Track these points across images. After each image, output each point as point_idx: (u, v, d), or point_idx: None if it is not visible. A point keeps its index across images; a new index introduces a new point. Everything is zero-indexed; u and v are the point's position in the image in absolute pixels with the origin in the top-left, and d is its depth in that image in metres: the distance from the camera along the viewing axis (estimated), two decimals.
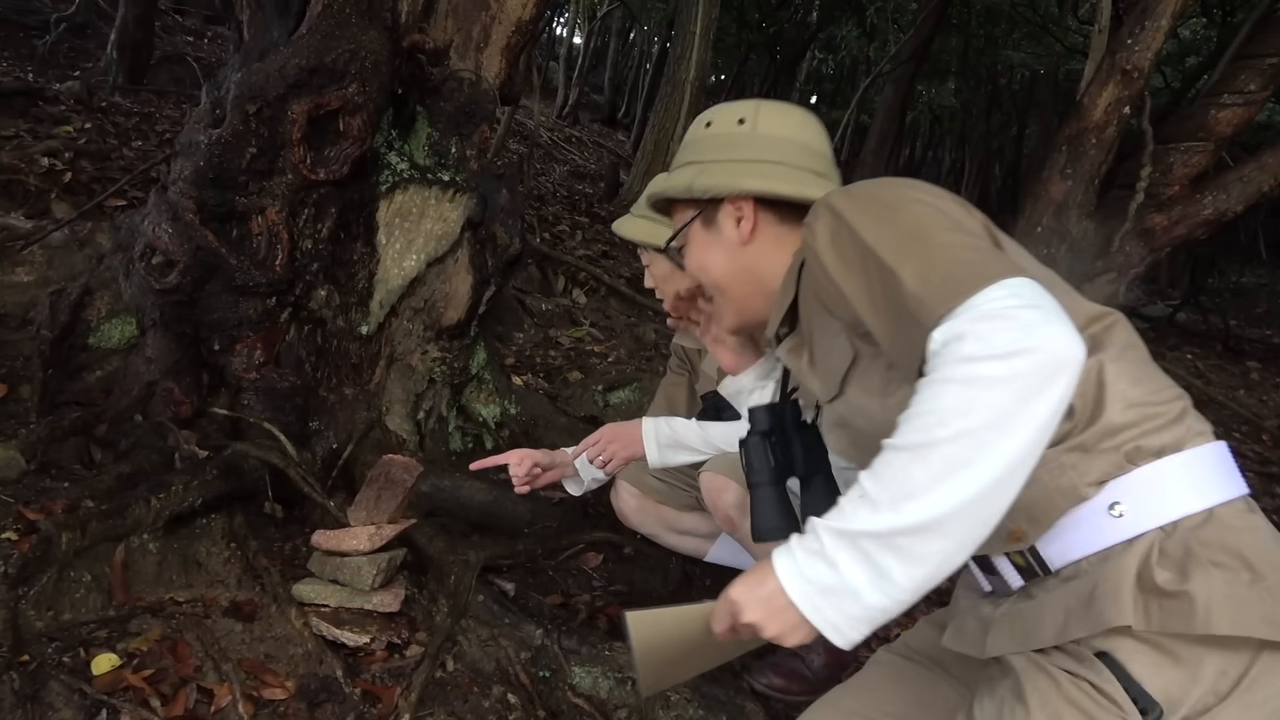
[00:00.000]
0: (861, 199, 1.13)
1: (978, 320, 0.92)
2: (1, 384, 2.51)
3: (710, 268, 1.42)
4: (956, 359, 0.92)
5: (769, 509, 1.44)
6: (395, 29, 2.72)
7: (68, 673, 1.71)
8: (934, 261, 1.01)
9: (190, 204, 2.53)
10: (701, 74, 8.57)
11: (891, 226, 1.07)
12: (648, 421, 2.19)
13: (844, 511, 0.97)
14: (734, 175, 1.36)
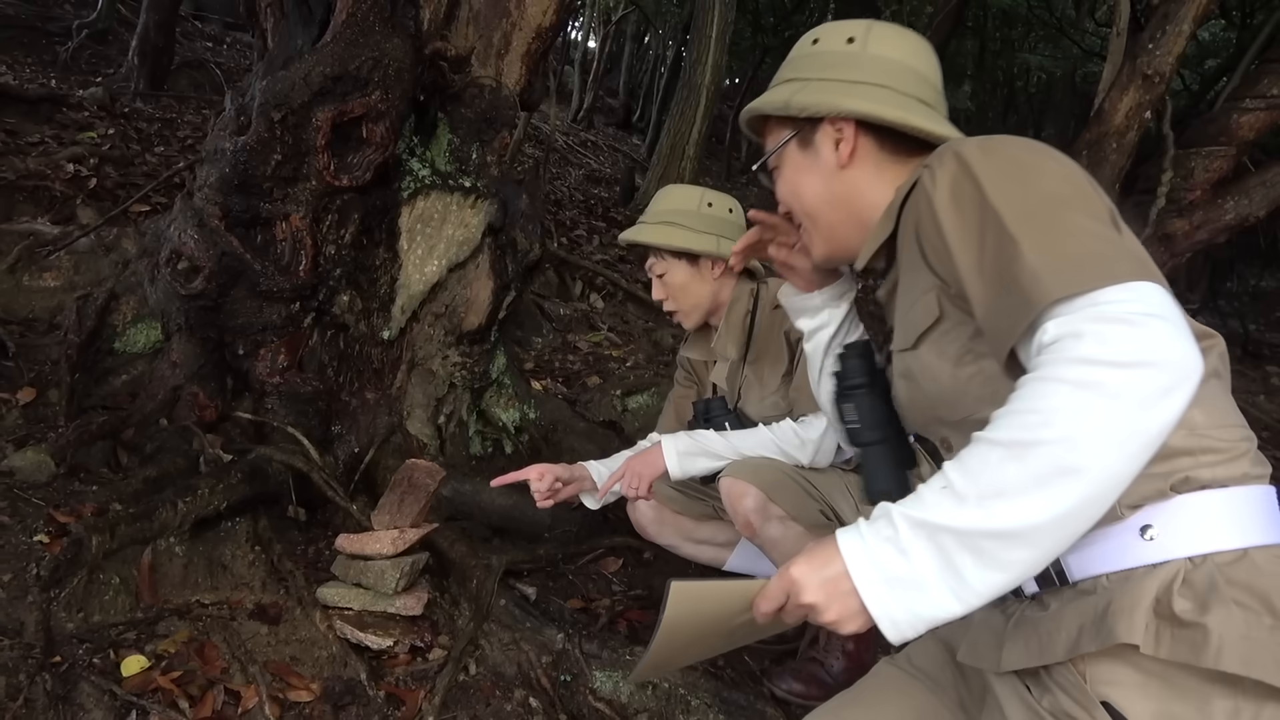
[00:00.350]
0: (997, 155, 1.06)
1: (1100, 321, 0.88)
2: (30, 388, 2.54)
3: (803, 192, 1.34)
4: (1072, 359, 0.87)
5: (885, 468, 1.34)
6: (418, 36, 2.74)
7: (98, 674, 1.73)
8: (1062, 241, 0.95)
9: (216, 210, 2.56)
10: (717, 78, 8.57)
11: (1023, 191, 1.00)
12: (667, 438, 2.20)
13: (924, 500, 0.93)
14: (836, 95, 1.26)
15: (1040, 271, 0.93)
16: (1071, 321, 0.89)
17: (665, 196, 2.36)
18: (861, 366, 1.38)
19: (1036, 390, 0.89)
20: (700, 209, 2.30)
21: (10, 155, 3.85)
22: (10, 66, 6.52)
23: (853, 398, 1.36)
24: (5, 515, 1.93)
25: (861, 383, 1.36)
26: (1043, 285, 0.92)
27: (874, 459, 1.36)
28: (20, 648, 1.65)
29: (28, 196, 3.55)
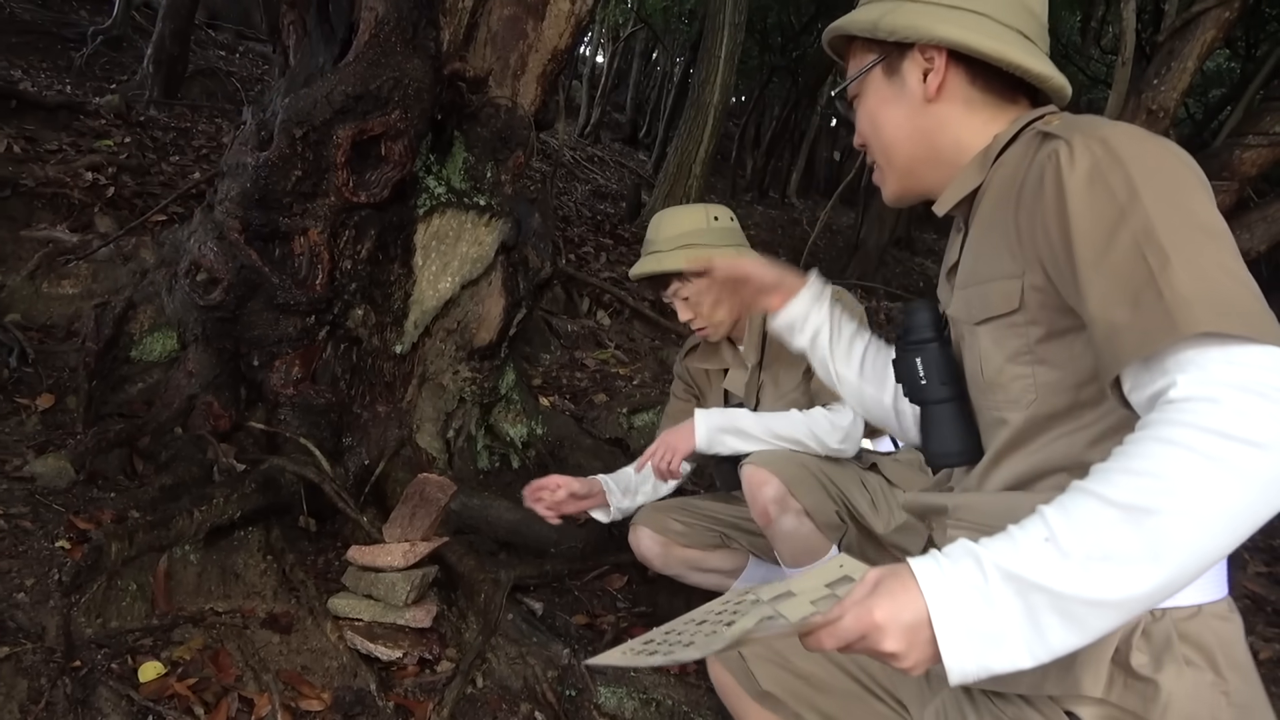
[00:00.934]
0: (1157, 155, 0.97)
1: (1240, 389, 0.82)
2: (48, 394, 2.59)
3: (884, 124, 1.25)
4: (1207, 427, 0.82)
5: (952, 428, 1.22)
6: (437, 57, 2.80)
7: (116, 679, 1.76)
8: (1216, 275, 0.88)
9: (236, 224, 2.61)
10: (725, 97, 8.65)
11: (1182, 206, 0.92)
12: (700, 412, 2.23)
13: (1020, 549, 0.87)
14: (930, 19, 1.16)
15: (1191, 298, 0.86)
16: (1208, 379, 0.84)
17: (670, 222, 2.35)
18: (929, 320, 1.28)
19: (1163, 453, 0.83)
20: (710, 225, 2.32)
21: (30, 162, 3.91)
22: (26, 72, 6.60)
23: (921, 351, 1.25)
24: (27, 520, 1.97)
25: (930, 336, 1.26)
26: (1191, 313, 0.85)
27: (940, 417, 1.24)
28: (42, 652, 1.68)
29: (46, 203, 3.60)
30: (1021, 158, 1.09)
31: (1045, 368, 1.06)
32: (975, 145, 1.19)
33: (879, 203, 10.67)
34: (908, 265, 12.98)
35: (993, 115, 1.19)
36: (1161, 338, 0.86)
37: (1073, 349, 1.04)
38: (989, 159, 1.15)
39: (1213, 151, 3.26)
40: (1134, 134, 0.99)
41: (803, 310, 1.49)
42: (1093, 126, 1.00)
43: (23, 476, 2.15)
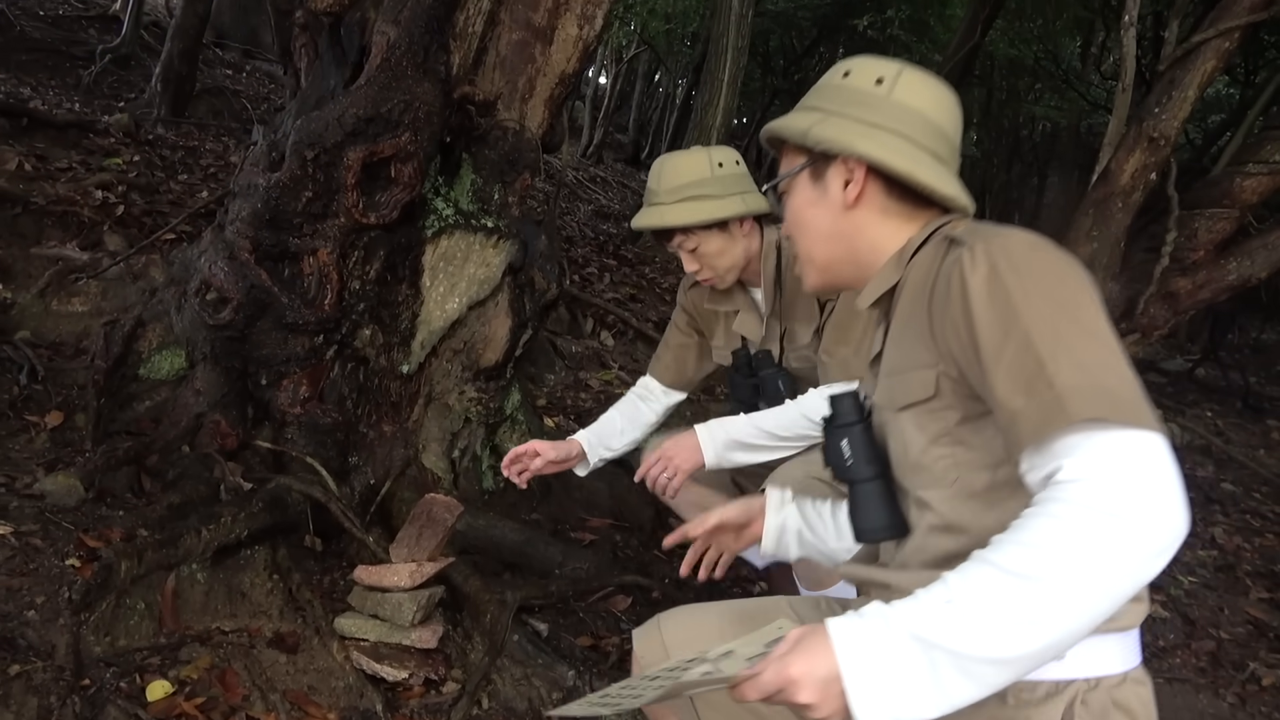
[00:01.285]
0: (1043, 260, 1.09)
1: (1119, 471, 0.94)
2: (57, 411, 2.60)
3: (807, 223, 1.37)
4: (1088, 504, 0.93)
5: (877, 505, 1.32)
6: (447, 81, 2.83)
7: (124, 698, 1.77)
8: (1097, 369, 1.00)
9: (246, 244, 2.63)
10: (727, 120, 8.71)
11: (1066, 309, 1.05)
12: (701, 429, 2.16)
13: (925, 613, 0.97)
14: (853, 135, 1.27)
15: (1074, 389, 0.98)
16: (1091, 460, 0.95)
17: (673, 169, 2.23)
18: (853, 405, 1.38)
19: (1046, 527, 0.95)
20: (714, 172, 2.20)
21: (40, 180, 3.93)
22: (35, 90, 6.65)
23: (847, 434, 1.35)
24: (37, 538, 1.98)
25: (854, 419, 1.36)
26: (1074, 403, 0.97)
27: (866, 495, 1.34)
28: (52, 670, 1.69)
29: (57, 221, 3.63)
30: (932, 260, 1.21)
31: (964, 449, 1.17)
32: (889, 248, 1.31)
33: None
34: None
35: (905, 222, 1.30)
36: (1050, 425, 0.98)
37: (986, 432, 1.15)
38: (904, 259, 1.27)
39: (1213, 179, 3.30)
40: (1029, 243, 1.11)
41: (775, 524, 1.54)
42: (994, 235, 1.12)
43: (33, 494, 2.16)
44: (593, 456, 2.34)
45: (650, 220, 2.24)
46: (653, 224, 2.23)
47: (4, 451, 2.35)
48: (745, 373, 2.35)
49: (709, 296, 2.44)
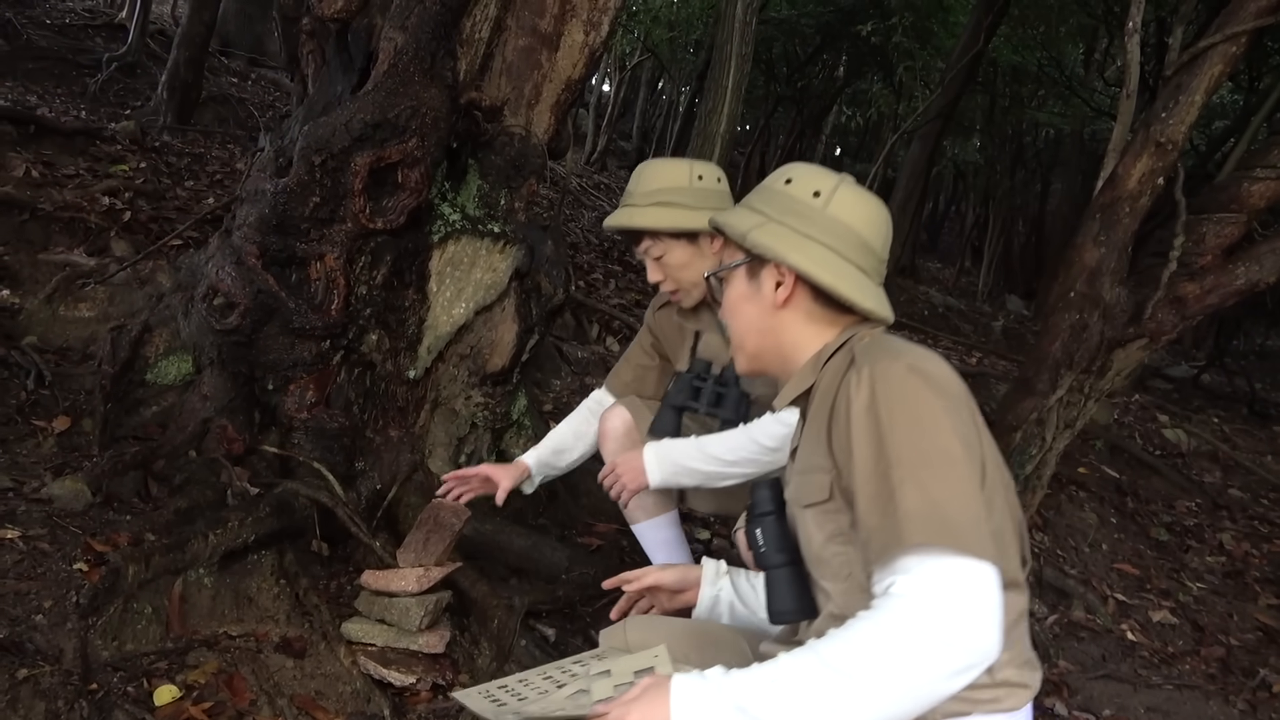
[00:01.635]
0: (913, 392, 1.22)
1: (941, 594, 1.08)
2: (65, 416, 2.60)
3: (740, 315, 1.50)
4: (908, 619, 1.07)
5: (788, 590, 1.43)
6: (454, 87, 2.83)
7: (132, 702, 1.77)
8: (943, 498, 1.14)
9: (254, 249, 2.64)
10: (732, 127, 8.70)
11: (928, 436, 1.18)
12: (650, 450, 2.18)
13: (755, 684, 1.11)
14: (787, 246, 1.39)
15: (915, 515, 1.12)
16: (920, 580, 1.10)
17: (651, 174, 2.24)
18: (770, 496, 1.48)
19: (867, 632, 1.09)
20: (692, 184, 2.20)
21: (47, 186, 3.95)
22: (42, 97, 6.67)
23: (761, 523, 1.46)
24: (45, 543, 1.98)
25: (769, 510, 1.47)
26: (914, 528, 1.12)
27: (778, 580, 1.44)
28: (60, 674, 1.68)
29: (64, 227, 3.64)
30: (838, 370, 1.34)
31: (854, 549, 1.28)
32: (811, 348, 1.44)
33: None
34: (912, 294, 13.03)
35: (827, 326, 1.44)
36: (893, 547, 1.13)
37: None
38: (819, 364, 1.40)
39: (1221, 184, 3.29)
40: (908, 369, 1.24)
41: (709, 595, 1.67)
42: (880, 358, 1.26)
43: (40, 498, 2.16)
44: (538, 476, 2.45)
45: (619, 220, 2.25)
46: (621, 223, 2.24)
47: (11, 456, 2.35)
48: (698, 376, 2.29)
49: (678, 311, 2.44)
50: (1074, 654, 3.31)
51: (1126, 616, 3.61)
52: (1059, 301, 3.36)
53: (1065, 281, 3.33)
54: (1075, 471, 4.69)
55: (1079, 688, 3.08)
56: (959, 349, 8.51)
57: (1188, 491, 5.09)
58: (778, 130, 17.19)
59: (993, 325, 11.99)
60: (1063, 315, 3.34)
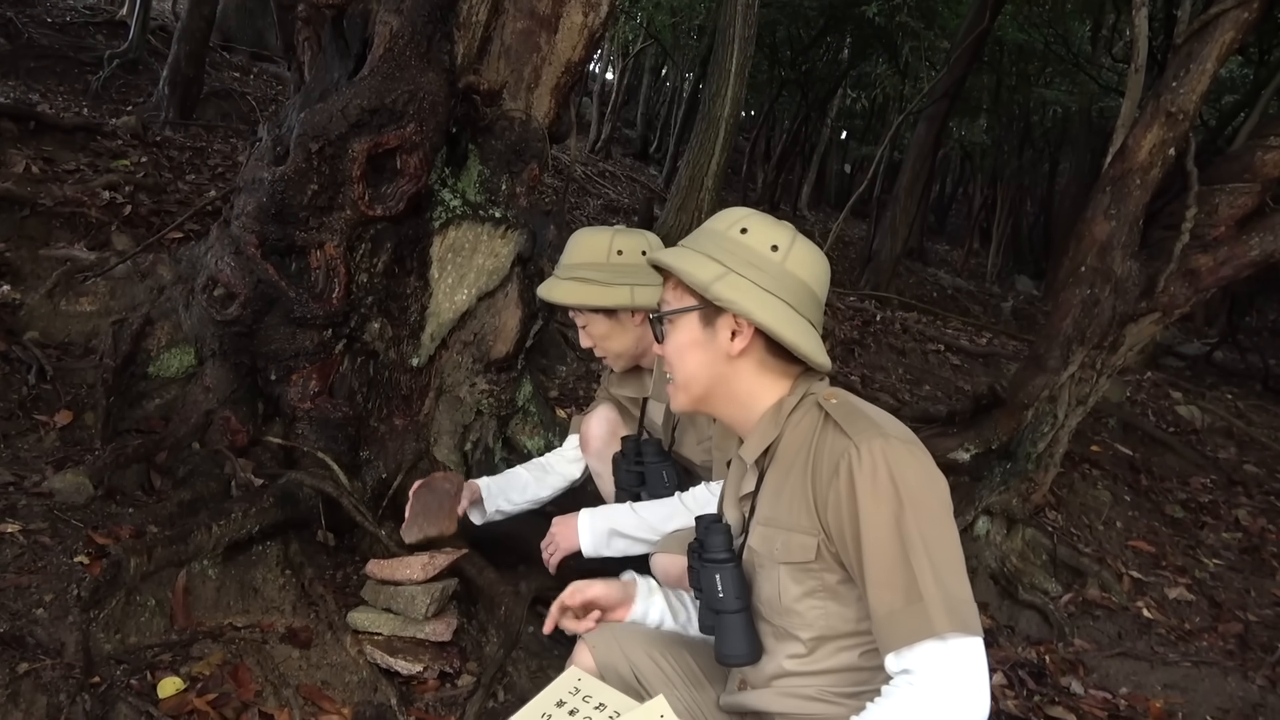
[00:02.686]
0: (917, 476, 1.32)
1: (965, 676, 1.24)
2: (67, 411, 2.59)
3: (689, 360, 1.52)
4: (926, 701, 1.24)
5: (740, 635, 1.49)
6: (452, 71, 2.80)
7: (135, 695, 1.75)
8: (951, 582, 1.28)
9: (253, 238, 2.61)
10: (736, 111, 8.65)
11: (935, 521, 1.31)
12: (584, 515, 2.25)
13: None
14: (753, 302, 1.43)
15: (937, 603, 1.26)
16: (934, 661, 1.25)
17: (575, 247, 2.29)
18: (724, 542, 1.52)
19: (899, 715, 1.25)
20: (610, 259, 2.22)
21: (48, 182, 3.93)
22: (44, 95, 6.66)
23: (720, 570, 1.50)
24: (46, 536, 1.96)
25: (726, 557, 1.50)
26: (938, 617, 1.25)
27: (731, 626, 1.49)
28: (61, 668, 1.67)
29: (64, 223, 3.62)
30: (809, 428, 1.43)
31: (835, 603, 1.40)
32: (764, 397, 1.51)
33: (892, 215, 10.66)
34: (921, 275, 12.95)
35: (779, 377, 1.51)
36: (920, 631, 1.26)
37: (857, 591, 1.37)
38: (781, 417, 1.48)
39: (1234, 154, 3.23)
40: (909, 455, 1.33)
41: (641, 611, 1.71)
42: (870, 435, 1.33)
43: (42, 492, 2.14)
44: (489, 506, 2.45)
45: (541, 291, 2.32)
46: (543, 295, 2.32)
47: (13, 451, 2.34)
48: (632, 460, 2.36)
49: (621, 385, 2.50)
50: (1089, 632, 3.27)
51: (1142, 594, 3.57)
52: (1069, 277, 3.31)
53: (1076, 256, 3.28)
54: (1088, 449, 4.65)
55: (1095, 666, 3.05)
56: (968, 330, 8.45)
57: (1202, 468, 5.03)
58: (782, 115, 17.08)
59: (1002, 306, 11.91)
60: (1073, 290, 3.29)
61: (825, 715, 1.44)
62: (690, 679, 1.63)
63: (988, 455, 3.66)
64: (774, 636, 1.49)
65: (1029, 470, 3.56)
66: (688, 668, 1.64)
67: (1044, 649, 3.10)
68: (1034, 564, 3.60)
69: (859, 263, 11.53)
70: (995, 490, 3.55)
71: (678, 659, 1.64)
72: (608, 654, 1.62)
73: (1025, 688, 2.83)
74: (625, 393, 2.50)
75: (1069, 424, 3.52)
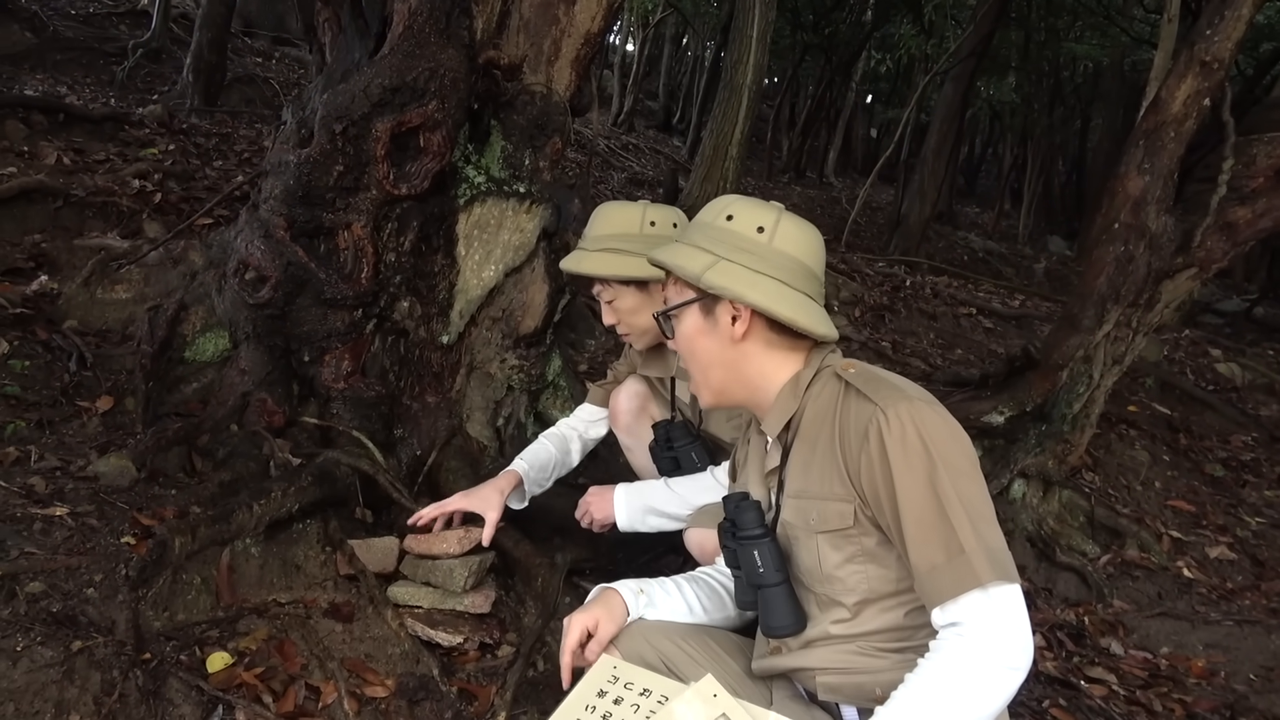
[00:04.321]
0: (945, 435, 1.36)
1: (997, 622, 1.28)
2: (107, 396, 2.63)
3: (698, 351, 1.57)
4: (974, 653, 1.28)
5: (786, 606, 1.52)
6: (471, 46, 2.79)
7: (185, 670, 1.80)
8: (989, 535, 1.32)
9: (281, 221, 2.63)
10: (758, 77, 8.55)
11: (965, 475, 1.34)
12: (621, 490, 2.26)
13: None
14: (744, 284, 1.47)
15: (977, 554, 1.30)
16: (980, 610, 1.29)
17: (605, 218, 2.24)
18: (757, 518, 1.55)
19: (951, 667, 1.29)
20: (643, 230, 2.18)
21: (79, 173, 3.99)
22: (71, 87, 6.74)
23: (757, 545, 1.53)
24: (93, 518, 2.01)
25: (761, 533, 1.54)
26: (981, 567, 1.29)
27: (775, 598, 1.52)
28: (113, 645, 1.71)
29: (97, 212, 3.67)
30: (831, 398, 1.46)
31: (875, 565, 1.44)
32: (778, 375, 1.54)
33: (920, 178, 10.52)
34: (950, 239, 12.80)
35: (789, 352, 1.54)
36: (965, 582, 1.30)
37: (896, 551, 1.40)
38: (799, 390, 1.52)
39: (1272, 102, 3.16)
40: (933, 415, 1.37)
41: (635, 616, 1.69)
42: (894, 398, 1.37)
43: (87, 476, 2.19)
44: (530, 490, 2.44)
45: (569, 264, 2.27)
46: (569, 268, 2.26)
47: (58, 436, 2.39)
48: (664, 446, 2.36)
49: (647, 364, 2.47)
50: (1129, 593, 3.25)
51: (1182, 554, 3.54)
52: (1103, 234, 3.26)
53: (1109, 213, 3.23)
54: (1125, 410, 4.59)
55: (1135, 626, 3.03)
56: (1000, 292, 8.35)
57: (1243, 426, 4.96)
58: (806, 80, 16.88)
59: (1035, 267, 11.75)
60: (1107, 248, 3.24)
61: (865, 668, 1.47)
62: (714, 657, 1.65)
63: (1022, 418, 3.62)
64: (818, 604, 1.52)
65: (1065, 432, 3.53)
66: (708, 647, 1.66)
67: (1083, 610, 3.09)
68: (1071, 526, 3.57)
69: (887, 228, 11.40)
70: (1031, 453, 3.53)
71: (698, 641, 1.66)
72: (634, 646, 1.63)
73: (1064, 649, 2.82)
74: (652, 372, 2.49)
75: (1105, 384, 3.48)
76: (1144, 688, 2.66)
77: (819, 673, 1.51)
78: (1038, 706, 2.47)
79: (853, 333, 5.35)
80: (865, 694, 1.47)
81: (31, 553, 1.84)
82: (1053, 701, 2.50)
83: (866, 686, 1.46)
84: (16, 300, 2.93)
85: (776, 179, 14.22)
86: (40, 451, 2.25)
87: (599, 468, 3.16)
